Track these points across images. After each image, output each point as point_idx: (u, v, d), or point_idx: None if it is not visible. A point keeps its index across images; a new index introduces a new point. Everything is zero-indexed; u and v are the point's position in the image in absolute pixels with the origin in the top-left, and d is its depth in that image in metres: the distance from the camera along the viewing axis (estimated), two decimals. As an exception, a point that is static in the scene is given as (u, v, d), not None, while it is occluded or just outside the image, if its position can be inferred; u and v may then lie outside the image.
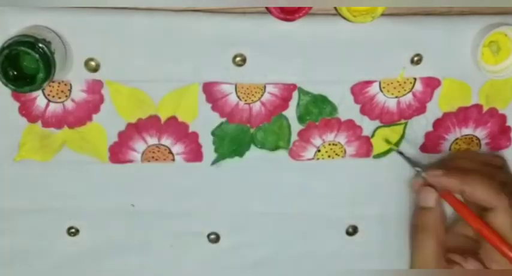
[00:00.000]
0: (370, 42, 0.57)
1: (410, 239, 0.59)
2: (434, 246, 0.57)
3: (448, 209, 0.59)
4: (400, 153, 0.61)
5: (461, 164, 0.59)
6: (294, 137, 0.61)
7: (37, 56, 0.50)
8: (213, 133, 0.59)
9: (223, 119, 0.59)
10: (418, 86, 0.59)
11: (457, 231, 0.60)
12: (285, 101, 0.59)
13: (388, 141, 0.61)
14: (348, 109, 0.60)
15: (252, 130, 0.60)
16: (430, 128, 0.61)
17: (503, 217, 0.55)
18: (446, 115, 0.61)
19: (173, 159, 0.60)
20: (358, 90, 0.59)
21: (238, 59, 0.56)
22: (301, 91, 0.59)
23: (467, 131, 0.62)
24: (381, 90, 0.59)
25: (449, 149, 0.62)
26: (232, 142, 0.60)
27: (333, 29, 0.56)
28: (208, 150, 0.60)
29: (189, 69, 0.57)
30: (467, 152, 0.61)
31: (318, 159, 0.61)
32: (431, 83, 0.59)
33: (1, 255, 0.62)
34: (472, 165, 0.58)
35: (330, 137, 0.61)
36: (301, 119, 0.60)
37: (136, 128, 0.59)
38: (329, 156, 0.62)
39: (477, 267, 0.57)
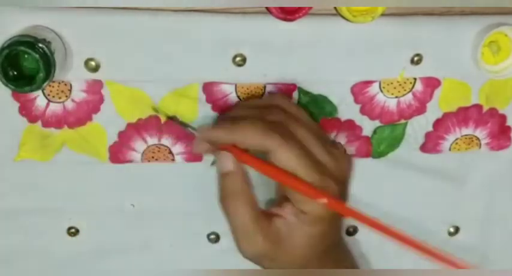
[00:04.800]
0: (370, 42, 0.57)
1: (220, 206, 0.54)
2: (248, 209, 0.53)
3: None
4: (172, 118, 0.58)
5: (238, 114, 0.56)
6: (294, 136, 0.61)
7: (37, 56, 0.50)
8: (212, 133, 0.59)
9: (223, 119, 0.59)
10: (418, 86, 0.59)
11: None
12: (285, 101, 0.59)
13: (155, 109, 0.58)
14: (347, 109, 0.60)
15: (252, 130, 0.60)
16: (430, 128, 0.61)
17: (279, 156, 0.51)
18: (446, 115, 0.61)
19: (173, 159, 0.60)
20: (358, 90, 0.59)
21: (238, 59, 0.56)
22: (301, 91, 0.59)
23: (467, 131, 0.62)
24: (381, 90, 0.59)
25: (449, 149, 0.62)
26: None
27: (333, 29, 0.56)
28: (208, 150, 0.60)
29: (189, 69, 0.56)
30: (248, 100, 0.58)
31: (317, 158, 0.61)
32: (431, 83, 0.59)
33: (1, 255, 0.62)
34: (248, 112, 0.55)
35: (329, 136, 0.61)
36: (301, 118, 0.60)
37: (136, 128, 0.58)
38: (329, 156, 0.62)
39: (294, 211, 0.54)
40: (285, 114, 0.54)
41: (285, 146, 0.51)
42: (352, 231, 0.65)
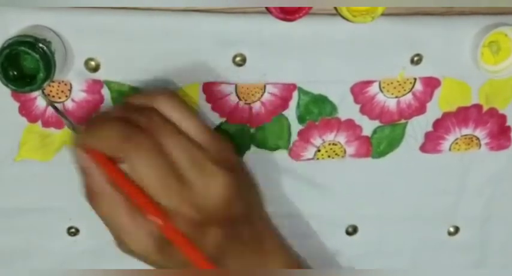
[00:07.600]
0: (370, 42, 0.57)
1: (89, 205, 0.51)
2: (119, 208, 0.49)
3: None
4: (55, 107, 0.55)
5: (109, 115, 0.51)
6: (294, 137, 0.61)
7: (37, 56, 0.50)
8: (213, 133, 0.59)
9: (223, 119, 0.59)
10: (418, 86, 0.60)
11: None
12: (284, 101, 0.59)
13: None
14: (347, 109, 0.60)
15: (252, 130, 0.60)
16: (430, 128, 0.61)
17: (132, 164, 0.47)
18: (446, 115, 0.61)
19: (173, 159, 0.60)
20: (358, 90, 0.59)
21: (238, 58, 0.56)
22: (301, 91, 0.59)
23: (467, 131, 0.62)
24: (381, 90, 0.59)
25: (449, 149, 0.62)
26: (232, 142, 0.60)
27: (333, 29, 0.56)
28: (208, 150, 0.60)
29: (188, 69, 0.56)
30: (130, 98, 0.53)
31: (317, 159, 0.61)
32: (431, 83, 0.59)
33: (1, 254, 0.62)
34: (120, 113, 0.51)
35: (329, 136, 0.61)
36: (301, 118, 0.60)
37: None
38: (329, 156, 0.62)
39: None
40: (157, 121, 0.49)
41: (139, 154, 0.47)
42: (351, 231, 0.65)
